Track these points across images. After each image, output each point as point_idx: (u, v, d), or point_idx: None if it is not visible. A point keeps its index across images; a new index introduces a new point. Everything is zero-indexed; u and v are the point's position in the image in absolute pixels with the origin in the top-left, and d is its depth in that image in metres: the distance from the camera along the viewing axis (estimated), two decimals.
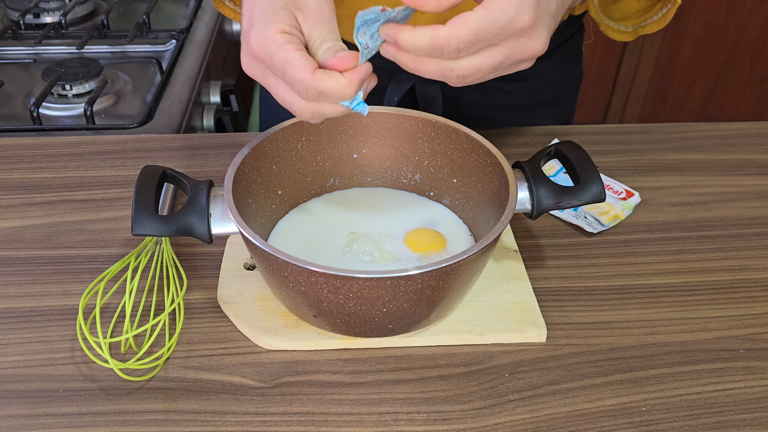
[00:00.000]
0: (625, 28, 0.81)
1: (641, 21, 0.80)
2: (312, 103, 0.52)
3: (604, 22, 0.84)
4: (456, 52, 0.49)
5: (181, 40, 1.28)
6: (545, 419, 0.55)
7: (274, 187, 0.67)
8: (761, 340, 0.63)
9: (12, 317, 0.62)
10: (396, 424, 0.54)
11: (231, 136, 0.89)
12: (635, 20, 0.80)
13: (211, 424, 0.54)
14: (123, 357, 0.59)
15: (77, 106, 1.09)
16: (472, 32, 0.48)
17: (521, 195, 0.60)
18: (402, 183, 0.72)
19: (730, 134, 0.90)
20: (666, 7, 0.76)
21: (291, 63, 0.50)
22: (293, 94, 0.52)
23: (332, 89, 0.51)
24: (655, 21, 0.78)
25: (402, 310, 0.56)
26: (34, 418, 0.54)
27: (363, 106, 0.54)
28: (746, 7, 2.17)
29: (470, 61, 0.50)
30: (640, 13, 0.79)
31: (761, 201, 0.79)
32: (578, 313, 0.64)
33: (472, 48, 0.49)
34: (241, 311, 0.62)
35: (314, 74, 0.50)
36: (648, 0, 0.78)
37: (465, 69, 0.50)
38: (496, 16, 0.48)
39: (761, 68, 2.31)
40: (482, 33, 0.48)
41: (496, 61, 0.50)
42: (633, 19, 0.80)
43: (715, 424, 0.55)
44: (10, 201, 0.76)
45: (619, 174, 0.81)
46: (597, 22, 0.85)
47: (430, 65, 0.51)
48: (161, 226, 0.56)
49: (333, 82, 0.51)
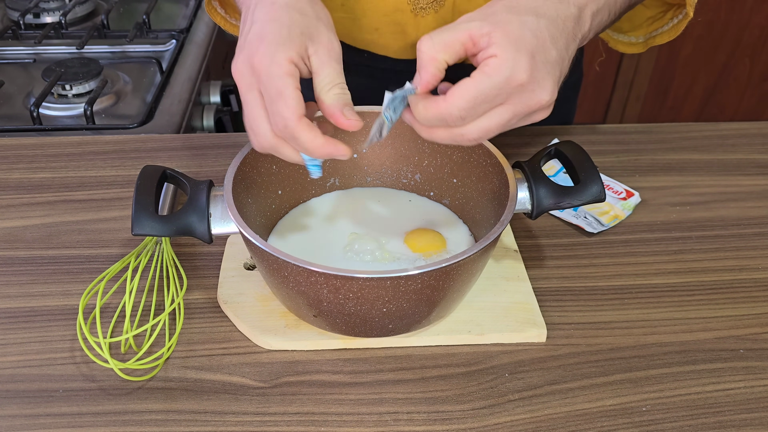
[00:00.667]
0: (636, 39, 0.81)
1: (652, 30, 0.80)
2: (276, 139, 0.53)
3: (613, 38, 0.84)
4: (460, 120, 0.50)
5: (181, 40, 1.28)
6: (545, 419, 0.55)
7: (274, 187, 0.67)
8: (761, 340, 0.63)
9: (12, 317, 0.62)
10: (396, 424, 0.54)
11: (231, 136, 0.89)
12: (646, 29, 0.80)
13: (211, 424, 0.54)
14: (123, 357, 0.59)
15: (77, 106, 1.09)
16: (471, 99, 0.49)
17: (521, 195, 0.60)
18: (402, 183, 0.72)
19: (730, 134, 0.90)
20: (677, 17, 0.76)
21: (285, 98, 0.51)
22: (265, 120, 0.53)
23: (306, 142, 0.52)
24: (666, 31, 0.79)
25: (402, 310, 0.56)
26: (34, 418, 0.54)
27: (317, 169, 0.55)
28: (746, 7, 2.17)
29: (477, 125, 0.51)
30: (650, 21, 0.79)
31: (761, 201, 0.79)
32: (578, 313, 0.64)
33: (475, 112, 0.50)
34: (241, 311, 0.62)
35: (299, 120, 0.51)
36: (658, 7, 0.78)
37: (474, 133, 0.51)
38: (492, 80, 0.49)
39: (761, 68, 2.31)
40: (481, 97, 0.49)
41: (504, 120, 0.51)
42: (643, 29, 0.80)
43: (715, 424, 0.55)
44: (10, 201, 0.76)
45: (619, 174, 0.81)
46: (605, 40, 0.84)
47: (442, 133, 0.52)
48: (161, 226, 0.56)
49: (311, 138, 0.51)
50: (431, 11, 0.74)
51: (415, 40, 0.77)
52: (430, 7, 0.74)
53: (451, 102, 0.49)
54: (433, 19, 0.75)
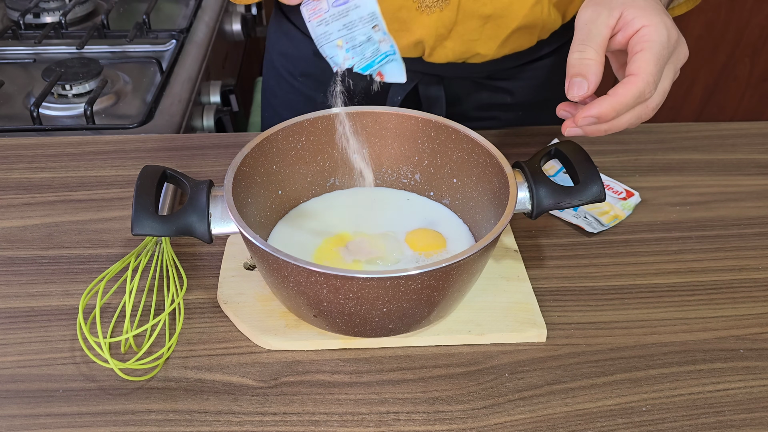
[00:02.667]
0: None
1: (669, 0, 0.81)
2: None
3: None
4: (654, 87, 0.54)
5: (181, 40, 1.28)
6: (545, 419, 0.55)
7: (274, 187, 0.67)
8: (761, 340, 0.63)
9: (12, 317, 0.62)
10: (396, 424, 0.54)
11: (231, 136, 0.89)
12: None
13: (211, 424, 0.54)
14: (123, 357, 0.59)
15: (77, 106, 1.09)
16: (655, 62, 0.54)
17: (521, 195, 0.60)
18: (402, 183, 0.72)
19: (730, 134, 0.90)
20: None
21: None
22: None
23: None
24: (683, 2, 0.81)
25: (402, 310, 0.56)
26: (34, 418, 0.54)
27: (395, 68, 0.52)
28: (746, 7, 2.17)
29: (659, 89, 0.55)
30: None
31: (761, 201, 0.79)
32: (578, 313, 0.64)
33: (660, 75, 0.55)
34: (241, 311, 0.62)
35: None
36: None
37: (657, 97, 0.56)
38: (659, 42, 0.54)
39: (761, 68, 2.31)
40: (661, 59, 0.54)
41: (671, 77, 0.56)
42: None
43: (715, 424, 0.55)
44: (10, 201, 0.76)
45: (619, 174, 0.81)
46: None
47: (628, 115, 0.55)
48: (161, 226, 0.56)
49: None
50: (436, 9, 0.74)
51: (419, 38, 0.78)
52: (435, 5, 0.74)
53: (644, 72, 0.53)
54: (438, 17, 0.75)
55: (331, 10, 0.50)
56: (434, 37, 0.77)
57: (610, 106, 0.54)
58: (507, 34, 0.78)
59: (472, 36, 0.77)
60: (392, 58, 0.52)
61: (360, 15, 0.51)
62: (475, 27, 0.76)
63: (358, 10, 0.50)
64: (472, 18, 0.76)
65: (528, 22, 0.77)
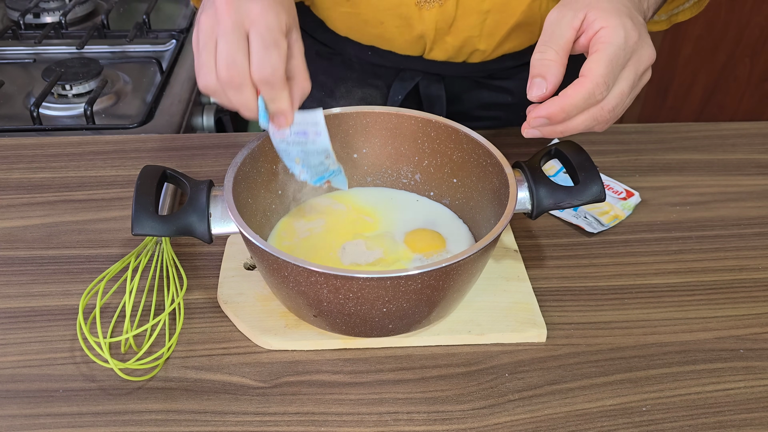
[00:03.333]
0: (659, 17, 0.83)
1: (674, 7, 0.82)
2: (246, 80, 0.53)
3: None
4: (605, 88, 0.54)
5: (181, 40, 1.28)
6: (545, 419, 0.55)
7: (274, 187, 0.67)
8: (761, 340, 0.63)
9: (12, 317, 0.62)
10: (396, 424, 0.54)
11: (231, 136, 0.89)
12: (668, 6, 0.81)
13: (211, 424, 0.54)
14: (123, 357, 0.59)
15: (77, 106, 1.09)
16: (607, 64, 0.53)
17: (521, 195, 0.60)
18: (402, 183, 0.72)
19: (730, 134, 0.90)
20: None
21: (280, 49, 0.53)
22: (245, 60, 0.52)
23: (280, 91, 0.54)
24: (688, 8, 0.81)
25: (402, 310, 0.56)
26: (34, 418, 0.54)
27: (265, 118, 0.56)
28: (746, 7, 2.17)
29: (613, 91, 0.55)
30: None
31: (761, 201, 0.79)
32: (578, 313, 0.64)
33: (613, 77, 0.54)
34: (241, 311, 0.62)
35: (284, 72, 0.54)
36: None
37: (611, 100, 0.55)
38: (614, 44, 0.53)
39: (761, 68, 2.31)
40: (613, 61, 0.53)
41: (630, 80, 0.55)
42: (666, 6, 0.81)
43: (715, 424, 0.55)
44: (10, 201, 0.76)
45: (619, 174, 0.81)
46: None
47: (582, 117, 0.55)
48: (161, 226, 0.56)
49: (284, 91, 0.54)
50: (436, 5, 0.75)
51: (420, 33, 0.78)
52: (434, 1, 0.75)
53: (593, 74, 0.53)
54: (438, 12, 0.76)
55: (292, 136, 0.58)
56: (434, 32, 0.78)
57: (559, 107, 0.54)
58: (506, 30, 0.78)
59: (471, 32, 0.78)
60: (338, 173, 0.62)
61: (315, 148, 0.59)
62: (474, 23, 0.77)
63: (314, 144, 0.59)
64: (471, 13, 0.76)
65: (526, 19, 0.77)
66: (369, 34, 0.82)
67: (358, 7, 0.78)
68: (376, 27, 0.80)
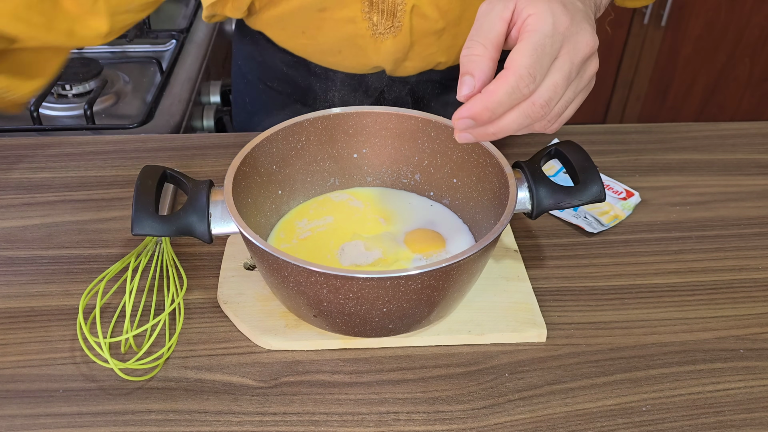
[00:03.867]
0: None
1: None
2: None
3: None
4: (531, 80, 0.48)
5: (181, 40, 1.28)
6: (545, 419, 0.55)
7: (274, 187, 0.67)
8: (761, 340, 0.63)
9: (12, 317, 0.62)
10: (396, 424, 0.54)
11: (231, 136, 0.89)
12: None
13: (211, 424, 0.54)
14: (123, 357, 0.59)
15: (77, 106, 1.09)
16: (531, 53, 0.48)
17: (521, 195, 0.60)
18: (402, 183, 0.72)
19: (730, 134, 0.90)
20: None
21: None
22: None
23: None
24: None
25: (402, 310, 0.56)
26: (34, 418, 0.54)
27: None
28: (746, 7, 2.17)
29: (545, 84, 0.50)
30: None
31: (761, 201, 0.79)
32: (578, 313, 0.64)
33: (541, 68, 0.49)
34: (241, 311, 0.62)
35: None
36: None
37: (544, 93, 0.50)
38: (541, 31, 0.49)
39: (761, 68, 2.31)
40: (539, 50, 0.48)
41: (565, 71, 0.50)
42: None
43: (715, 424, 0.55)
44: (10, 201, 0.76)
45: (619, 174, 0.81)
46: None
47: (513, 115, 0.50)
48: (161, 226, 0.56)
49: None
50: (390, 36, 0.74)
51: (377, 61, 0.78)
52: (388, 32, 0.74)
53: (516, 65, 0.48)
54: (392, 43, 0.75)
55: None
56: (392, 62, 0.78)
57: (482, 105, 0.49)
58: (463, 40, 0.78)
59: (430, 50, 0.77)
60: None
61: None
62: (431, 42, 0.76)
63: None
64: (426, 36, 0.75)
65: None
66: (327, 61, 0.82)
67: (315, 39, 0.78)
68: (333, 56, 0.80)
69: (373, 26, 0.73)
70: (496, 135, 0.52)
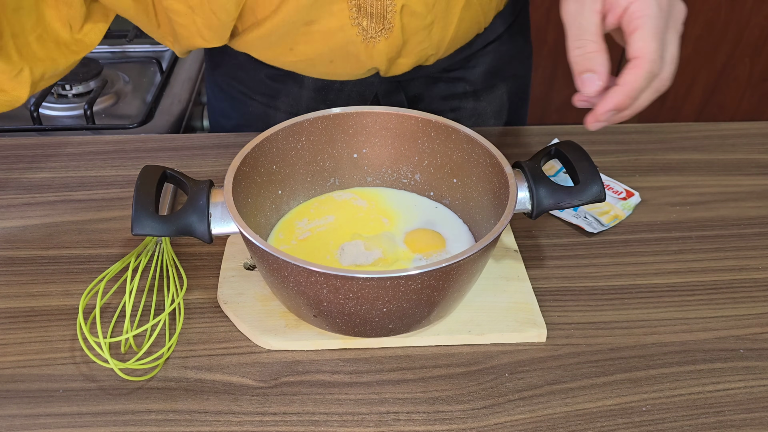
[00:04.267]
0: None
1: None
2: None
3: None
4: (661, 61, 0.54)
5: None
6: (545, 419, 0.55)
7: (274, 187, 0.67)
8: (761, 340, 0.63)
9: (12, 317, 0.62)
10: (396, 424, 0.54)
11: (231, 136, 0.89)
12: None
13: (211, 424, 0.54)
14: (123, 357, 0.59)
15: (77, 106, 1.09)
16: (652, 37, 0.53)
17: (521, 195, 0.60)
18: (402, 183, 0.72)
19: (730, 134, 0.90)
20: None
21: None
22: None
23: None
24: None
25: (402, 310, 0.56)
26: (34, 418, 0.54)
27: None
28: (746, 7, 2.17)
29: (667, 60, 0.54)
30: None
31: (761, 201, 0.79)
32: (578, 313, 0.64)
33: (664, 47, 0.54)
34: (241, 311, 0.62)
35: None
36: None
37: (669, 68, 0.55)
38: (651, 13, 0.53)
39: (761, 68, 2.31)
40: (657, 32, 0.53)
41: (676, 41, 0.55)
42: None
43: (715, 424, 0.55)
44: (10, 201, 0.76)
45: (619, 174, 0.81)
46: None
47: (646, 94, 0.55)
48: (161, 226, 0.56)
49: None
50: (382, 38, 0.74)
51: (370, 65, 0.78)
52: (379, 35, 0.74)
53: (646, 51, 0.53)
54: (385, 44, 0.75)
55: None
56: (386, 62, 0.78)
57: (625, 95, 0.54)
58: (452, 30, 0.78)
59: (422, 46, 0.77)
60: None
61: None
62: (423, 38, 0.76)
63: None
64: (417, 31, 0.75)
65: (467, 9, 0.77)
66: (320, 72, 0.82)
67: (305, 55, 0.77)
68: (326, 66, 0.79)
69: (363, 31, 0.73)
70: (631, 115, 0.57)
